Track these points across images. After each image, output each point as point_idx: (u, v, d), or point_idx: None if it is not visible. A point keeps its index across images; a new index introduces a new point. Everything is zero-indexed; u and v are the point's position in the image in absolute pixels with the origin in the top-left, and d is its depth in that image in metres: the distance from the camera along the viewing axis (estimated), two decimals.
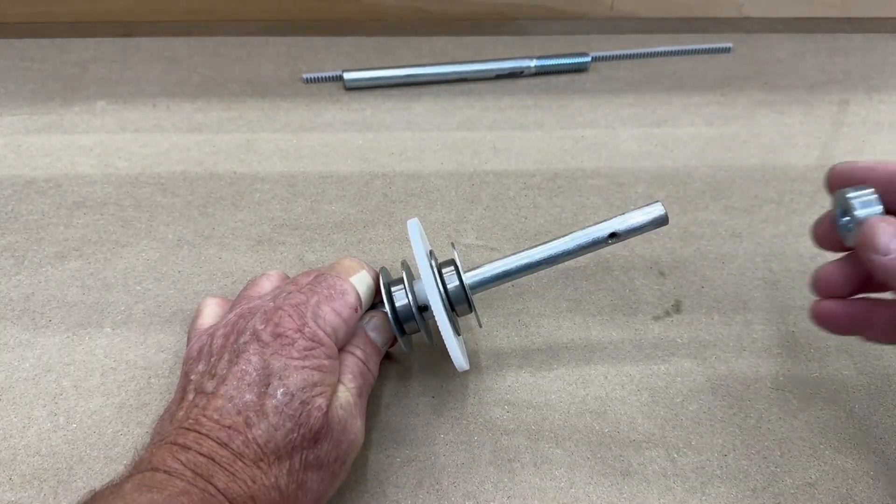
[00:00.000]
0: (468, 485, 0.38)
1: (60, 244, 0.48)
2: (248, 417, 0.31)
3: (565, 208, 0.52)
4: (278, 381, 0.31)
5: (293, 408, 0.31)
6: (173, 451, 0.30)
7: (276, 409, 0.31)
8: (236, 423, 0.31)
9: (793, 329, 0.45)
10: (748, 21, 0.68)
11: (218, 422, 0.31)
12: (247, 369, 0.32)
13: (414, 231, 0.37)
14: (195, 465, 0.29)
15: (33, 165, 0.54)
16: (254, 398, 0.31)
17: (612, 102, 0.61)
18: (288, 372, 0.32)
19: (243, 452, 0.30)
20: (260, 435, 0.30)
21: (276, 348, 0.32)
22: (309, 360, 0.33)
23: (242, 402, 0.31)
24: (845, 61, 0.66)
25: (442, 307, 0.36)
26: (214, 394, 0.32)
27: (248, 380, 0.32)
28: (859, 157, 0.56)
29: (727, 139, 0.58)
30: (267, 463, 0.30)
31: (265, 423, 0.31)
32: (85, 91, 0.60)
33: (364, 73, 0.61)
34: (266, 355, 0.32)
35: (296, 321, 0.33)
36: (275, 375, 0.32)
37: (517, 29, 0.68)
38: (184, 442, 0.30)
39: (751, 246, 0.50)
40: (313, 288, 0.35)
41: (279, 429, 0.31)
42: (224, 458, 0.30)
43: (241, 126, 0.58)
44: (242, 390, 0.31)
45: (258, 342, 0.33)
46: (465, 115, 0.60)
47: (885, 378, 0.43)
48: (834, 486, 0.38)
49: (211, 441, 0.30)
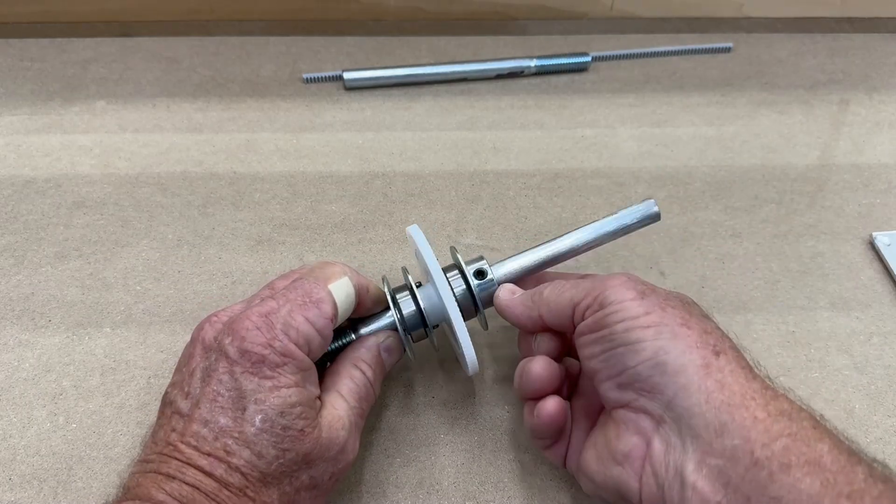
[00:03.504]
0: (468, 485, 0.38)
1: (60, 244, 0.48)
2: (227, 445, 0.30)
3: (565, 208, 0.52)
4: (254, 405, 0.30)
5: (275, 434, 0.30)
6: (158, 481, 0.29)
7: (257, 437, 0.30)
8: (215, 451, 0.30)
9: (793, 329, 0.45)
10: (748, 21, 0.68)
11: (197, 449, 0.30)
12: (219, 390, 0.30)
13: (419, 236, 0.37)
14: (181, 495, 0.28)
15: (33, 165, 0.54)
16: (229, 422, 0.30)
17: (612, 102, 0.61)
18: (262, 395, 0.30)
19: (228, 481, 0.29)
20: (243, 464, 0.30)
21: (245, 367, 0.31)
22: (282, 378, 0.31)
23: (218, 428, 0.30)
24: (845, 61, 0.66)
25: (459, 313, 0.35)
26: (190, 417, 0.30)
27: (222, 402, 0.30)
28: (860, 157, 0.56)
29: (727, 139, 0.58)
30: (254, 490, 0.30)
31: (247, 452, 0.30)
32: (85, 91, 0.60)
33: (364, 73, 0.61)
34: (236, 374, 0.31)
35: (264, 334, 0.31)
36: (249, 399, 0.30)
37: (517, 29, 0.67)
38: (167, 471, 0.29)
39: (751, 246, 0.50)
40: (287, 294, 0.33)
41: (262, 457, 0.30)
42: (209, 486, 0.29)
43: (241, 126, 0.58)
44: (216, 413, 0.30)
45: (227, 359, 0.31)
46: (465, 115, 0.60)
47: (884, 378, 0.43)
48: None
49: (194, 469, 0.29)
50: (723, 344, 0.30)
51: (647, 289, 0.32)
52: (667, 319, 0.31)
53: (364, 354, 0.36)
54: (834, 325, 0.45)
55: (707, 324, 0.31)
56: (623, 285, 0.32)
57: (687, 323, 0.31)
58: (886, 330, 0.45)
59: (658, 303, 0.31)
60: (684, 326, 0.30)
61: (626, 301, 0.31)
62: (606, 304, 0.32)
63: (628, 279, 0.33)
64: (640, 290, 0.32)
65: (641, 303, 0.31)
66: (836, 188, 0.54)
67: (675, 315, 0.31)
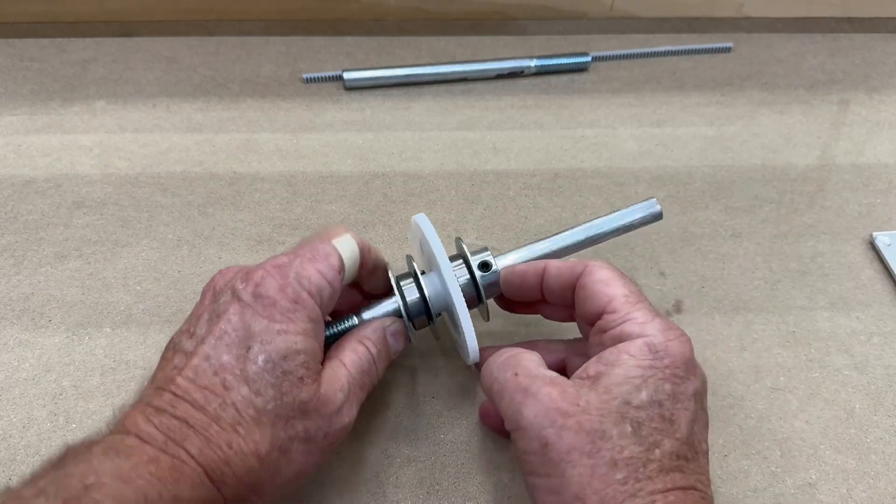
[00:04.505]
0: (468, 485, 0.38)
1: (60, 244, 0.48)
2: (226, 380, 0.30)
3: (565, 208, 0.52)
4: (259, 345, 0.30)
5: (275, 375, 0.30)
6: (147, 413, 0.29)
7: (257, 375, 0.30)
8: (213, 385, 0.29)
9: (793, 329, 0.45)
10: (748, 21, 0.68)
11: (193, 381, 0.30)
12: (226, 329, 0.30)
13: (426, 224, 0.37)
14: (168, 428, 0.28)
15: (33, 165, 0.54)
16: (232, 360, 0.30)
17: (612, 102, 0.61)
18: (269, 337, 0.30)
19: (220, 416, 0.29)
20: (239, 400, 0.29)
21: (257, 309, 0.31)
22: (292, 324, 0.31)
23: (219, 364, 0.30)
24: (845, 61, 0.66)
25: (464, 301, 0.35)
26: (193, 353, 0.30)
27: (227, 340, 0.30)
28: (860, 157, 0.56)
29: (727, 139, 0.58)
30: (245, 428, 0.29)
31: (245, 389, 0.29)
32: (85, 91, 0.60)
33: (364, 72, 0.61)
34: (246, 316, 0.31)
35: (278, 280, 0.32)
36: (255, 339, 0.30)
37: (517, 29, 0.67)
38: (158, 404, 0.29)
39: (751, 246, 0.50)
40: (296, 251, 0.34)
41: (259, 395, 0.30)
42: (199, 421, 0.29)
43: (241, 126, 0.58)
44: (220, 350, 0.30)
45: (239, 302, 0.31)
46: (465, 115, 0.60)
47: (885, 378, 0.43)
48: (834, 486, 0.38)
49: (186, 403, 0.29)
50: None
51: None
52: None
53: (369, 333, 0.36)
54: (834, 325, 0.45)
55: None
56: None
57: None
58: (887, 330, 0.45)
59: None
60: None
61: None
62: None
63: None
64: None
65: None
66: (836, 188, 0.54)
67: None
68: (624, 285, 0.34)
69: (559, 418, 0.29)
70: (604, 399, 0.30)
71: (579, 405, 0.30)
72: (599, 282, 0.34)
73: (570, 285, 0.35)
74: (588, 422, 0.29)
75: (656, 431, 0.29)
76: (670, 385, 0.30)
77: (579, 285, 0.35)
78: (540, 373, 0.32)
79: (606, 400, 0.30)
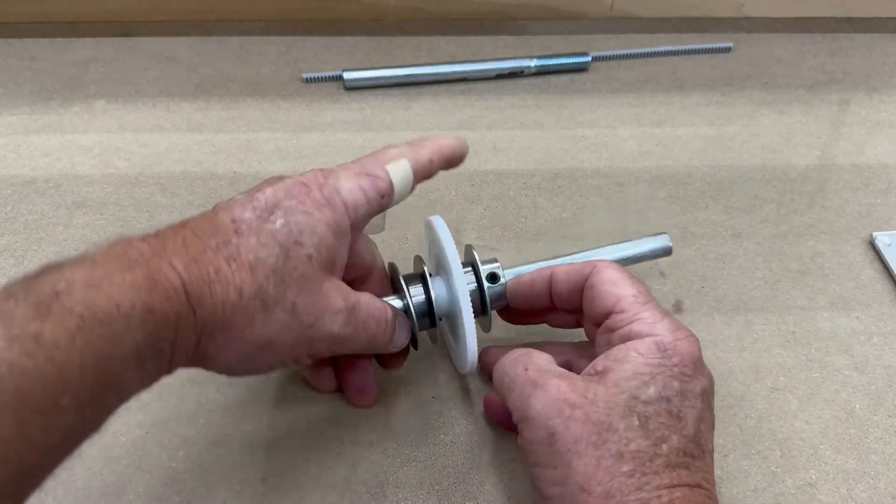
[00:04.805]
0: (468, 485, 0.38)
1: (60, 244, 0.48)
2: (240, 227, 0.30)
3: (565, 208, 0.52)
4: (283, 214, 0.31)
5: (287, 240, 0.30)
6: (145, 237, 0.29)
7: (270, 234, 0.30)
8: (224, 226, 0.30)
9: (793, 329, 0.45)
10: (748, 21, 0.68)
11: (207, 220, 0.30)
12: (258, 196, 0.31)
13: (442, 226, 0.37)
14: (160, 245, 0.28)
15: (33, 165, 0.54)
16: (253, 218, 0.30)
17: (612, 102, 0.61)
18: (294, 212, 0.31)
19: (217, 247, 0.29)
20: (243, 244, 0.30)
21: (291, 190, 0.32)
22: (318, 214, 0.32)
23: (241, 217, 0.30)
24: (846, 61, 0.66)
25: (471, 309, 0.35)
26: (220, 208, 0.31)
27: (255, 204, 0.31)
28: (860, 157, 0.56)
29: (727, 139, 0.58)
30: (238, 265, 0.29)
31: (253, 238, 0.30)
32: (85, 91, 0.60)
33: (364, 72, 0.61)
34: (280, 193, 0.31)
35: (319, 179, 0.33)
36: (281, 208, 0.31)
37: (517, 29, 0.67)
38: (161, 231, 0.30)
39: (751, 246, 0.50)
40: (346, 165, 0.35)
41: (264, 247, 0.30)
42: (194, 244, 0.29)
43: (241, 126, 0.58)
44: (245, 208, 0.31)
45: (278, 182, 0.32)
46: (465, 115, 0.60)
47: (885, 378, 0.43)
48: (834, 486, 0.38)
49: (189, 231, 0.30)
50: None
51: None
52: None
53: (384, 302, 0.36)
54: (834, 325, 0.45)
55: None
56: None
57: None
58: (887, 330, 0.45)
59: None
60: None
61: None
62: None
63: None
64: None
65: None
66: (836, 188, 0.54)
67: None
68: (632, 285, 0.34)
69: (567, 409, 0.29)
70: (612, 392, 0.30)
71: (587, 397, 0.30)
72: (608, 282, 0.34)
73: (579, 287, 0.35)
74: (595, 413, 0.29)
75: (663, 427, 0.29)
76: (678, 382, 0.30)
77: (587, 286, 0.35)
78: (550, 368, 0.32)
79: (614, 393, 0.30)
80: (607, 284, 0.34)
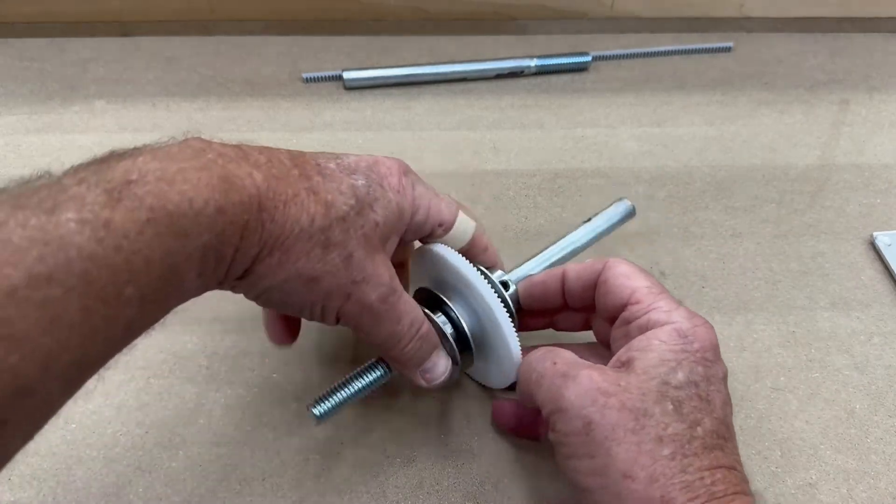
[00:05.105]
0: (468, 485, 0.38)
1: None
2: (325, 171, 0.31)
3: (565, 208, 0.52)
4: (365, 178, 0.32)
5: (366, 199, 0.31)
6: (228, 144, 0.29)
7: (352, 187, 0.31)
8: (310, 164, 0.31)
9: (793, 329, 0.45)
10: (749, 21, 0.68)
11: (292, 153, 0.31)
12: (343, 157, 0.32)
13: (449, 251, 0.36)
14: (243, 155, 0.28)
15: (33, 165, 0.54)
16: (337, 170, 0.31)
17: (612, 102, 0.61)
18: (374, 184, 0.32)
19: (300, 176, 0.30)
20: (324, 183, 0.30)
21: (374, 166, 0.33)
22: (391, 195, 0.32)
23: (326, 165, 0.31)
24: (846, 61, 0.66)
25: (507, 316, 0.35)
26: (305, 153, 0.32)
27: (339, 161, 0.32)
28: (860, 157, 0.56)
29: (727, 139, 0.58)
30: (316, 198, 0.29)
31: (335, 184, 0.31)
32: (84, 91, 0.60)
33: (364, 72, 0.61)
34: (362, 162, 0.33)
35: (402, 166, 0.34)
36: (362, 173, 0.32)
37: (517, 29, 0.67)
38: (245, 146, 0.29)
39: (751, 246, 0.50)
40: (428, 185, 0.36)
41: (343, 195, 0.30)
42: (278, 166, 0.29)
43: (241, 126, 0.58)
44: (331, 161, 0.32)
45: (374, 159, 0.33)
46: (465, 115, 0.60)
47: (885, 378, 0.43)
48: (834, 486, 0.38)
49: (274, 154, 0.30)
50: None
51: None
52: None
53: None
54: (834, 325, 0.45)
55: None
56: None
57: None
58: (887, 330, 0.45)
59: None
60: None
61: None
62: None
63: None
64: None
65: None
66: (836, 188, 0.54)
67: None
68: (646, 277, 0.34)
69: (601, 397, 0.30)
70: (642, 379, 0.30)
71: (620, 385, 0.30)
72: (621, 275, 0.34)
73: (592, 285, 0.36)
74: (630, 400, 0.29)
75: (696, 410, 0.30)
76: (702, 368, 0.31)
77: (601, 281, 0.35)
78: (579, 360, 0.32)
79: (645, 380, 0.30)
80: (621, 278, 0.34)
